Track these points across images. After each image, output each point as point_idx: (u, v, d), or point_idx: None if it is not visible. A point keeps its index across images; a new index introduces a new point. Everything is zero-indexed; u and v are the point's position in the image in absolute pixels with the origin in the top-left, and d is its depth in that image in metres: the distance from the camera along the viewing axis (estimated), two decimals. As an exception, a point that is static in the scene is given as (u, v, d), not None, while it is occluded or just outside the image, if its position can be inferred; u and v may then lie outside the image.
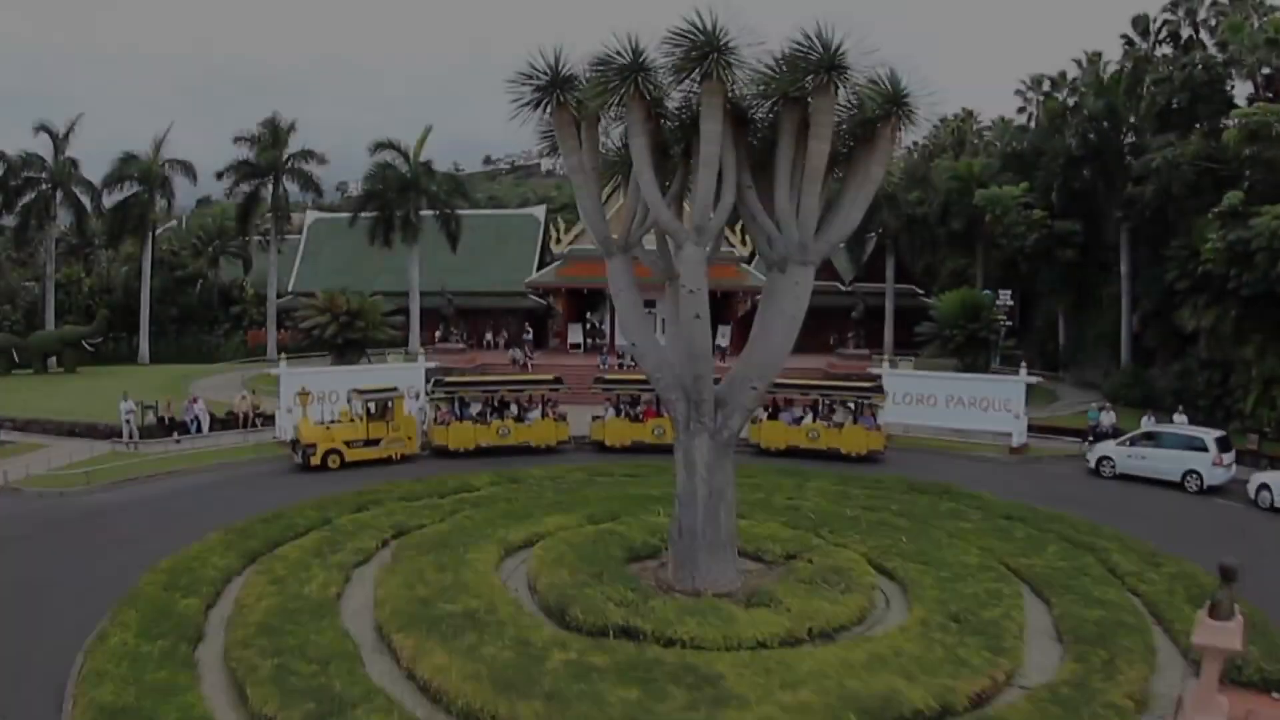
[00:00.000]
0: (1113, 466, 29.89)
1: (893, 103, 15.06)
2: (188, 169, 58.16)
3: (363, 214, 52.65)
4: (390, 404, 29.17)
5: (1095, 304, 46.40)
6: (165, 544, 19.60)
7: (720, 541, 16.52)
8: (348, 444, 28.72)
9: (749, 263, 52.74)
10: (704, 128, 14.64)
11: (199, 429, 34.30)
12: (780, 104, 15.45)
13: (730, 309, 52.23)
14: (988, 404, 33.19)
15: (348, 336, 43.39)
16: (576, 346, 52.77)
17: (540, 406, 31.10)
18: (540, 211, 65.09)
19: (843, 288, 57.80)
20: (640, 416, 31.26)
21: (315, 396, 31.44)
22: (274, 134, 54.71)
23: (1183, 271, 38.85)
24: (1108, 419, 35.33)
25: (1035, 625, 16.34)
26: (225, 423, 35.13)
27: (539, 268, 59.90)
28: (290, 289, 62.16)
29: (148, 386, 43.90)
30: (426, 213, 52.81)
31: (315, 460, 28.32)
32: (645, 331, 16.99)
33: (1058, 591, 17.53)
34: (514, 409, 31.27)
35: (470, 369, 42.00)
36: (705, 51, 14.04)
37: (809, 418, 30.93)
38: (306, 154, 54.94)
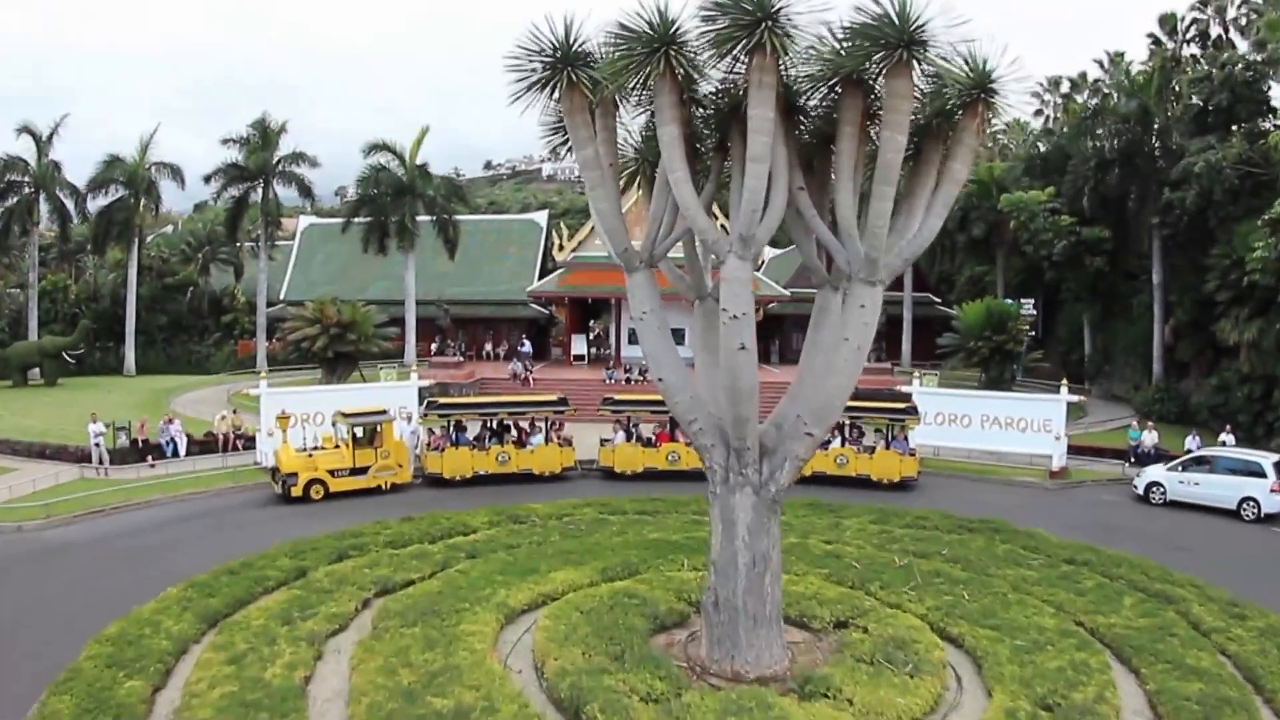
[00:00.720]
0: (1163, 493, 27.24)
1: (980, 88, 12.03)
2: (175, 173, 55.08)
3: (356, 219, 49.65)
4: (379, 428, 26.10)
5: (1124, 314, 43.42)
6: (120, 596, 16.87)
7: (765, 616, 13.49)
8: (332, 473, 25.66)
9: (759, 269, 49.71)
10: (753, 114, 11.61)
11: (175, 452, 31.26)
12: (840, 88, 12.43)
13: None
14: (1025, 424, 30.21)
15: (338, 349, 40.32)
16: (580, 358, 49.73)
17: (543, 430, 27.97)
18: (542, 217, 62.03)
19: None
20: (653, 441, 28.19)
21: (299, 419, 28.41)
22: (264, 136, 51.61)
23: (1224, 281, 36.06)
24: (1150, 439, 32.56)
25: (1129, 704, 13.60)
26: (204, 445, 32.04)
27: (541, 275, 56.91)
28: (282, 297, 59.16)
29: (127, 403, 40.87)
30: (423, 218, 49.86)
31: (297, 491, 25.27)
32: (675, 364, 13.93)
33: (1146, 659, 14.79)
34: (514, 432, 28.19)
35: (467, 384, 38.93)
36: (756, 18, 10.99)
37: (836, 441, 27.88)
38: (298, 156, 51.85)
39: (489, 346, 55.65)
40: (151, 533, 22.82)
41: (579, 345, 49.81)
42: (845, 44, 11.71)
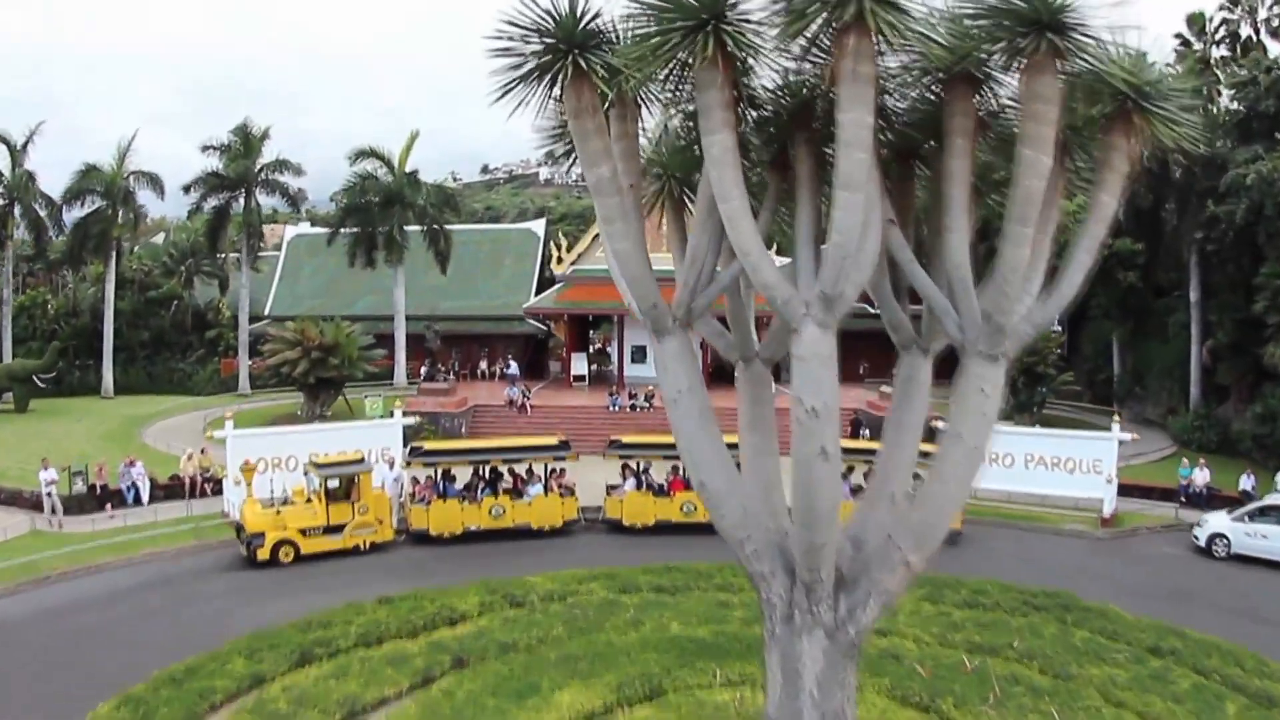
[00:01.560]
0: (1227, 545, 24.10)
1: (1140, 94, 8.50)
2: (154, 181, 51.30)
3: (343, 229, 46.07)
4: (356, 480, 22.47)
5: (1157, 332, 39.93)
6: (40, 708, 13.92)
7: (840, 791, 9.91)
8: (303, 532, 22.03)
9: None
10: (845, 119, 8.10)
11: (137, 498, 27.64)
12: (945, 86, 8.91)
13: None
14: (1073, 465, 26.78)
15: (320, 375, 36.69)
16: (581, 379, 46.11)
17: (542, 478, 24.35)
18: (539, 226, 58.41)
19: (871, 309, 51.32)
20: (666, 489, 24.61)
21: (269, 463, 24.88)
22: (245, 142, 47.87)
23: (1273, 302, 32.69)
24: (1201, 477, 29.23)
25: None
26: (169, 489, 28.42)
27: (539, 288, 53.31)
28: (267, 312, 55.44)
29: (96, 433, 37.22)
30: (414, 228, 46.28)
31: (263, 554, 21.65)
32: (721, 463, 10.39)
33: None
34: (509, 479, 24.57)
35: (459, 413, 35.28)
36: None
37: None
38: (281, 164, 48.11)
39: (484, 365, 52.01)
40: (97, 609, 19.29)
41: (579, 365, 46.20)
42: (967, 23, 8.18)
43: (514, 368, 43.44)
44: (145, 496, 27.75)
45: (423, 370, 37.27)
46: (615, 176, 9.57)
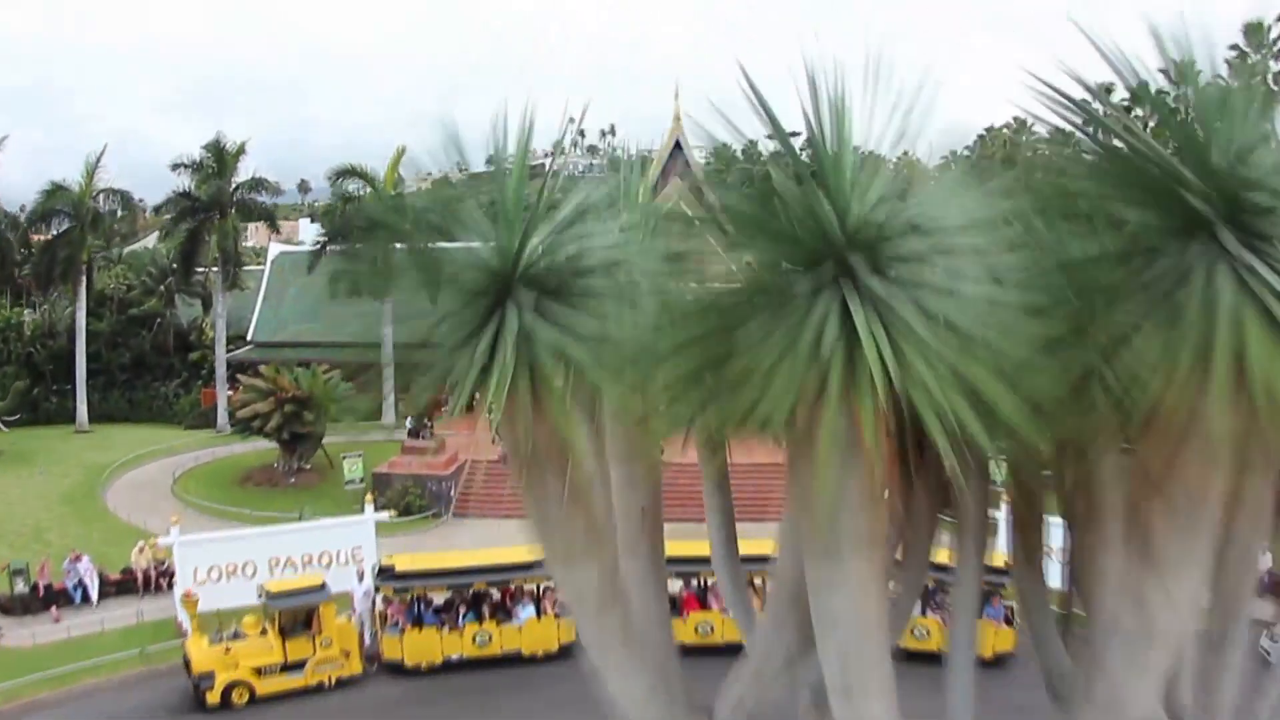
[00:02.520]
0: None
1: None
2: (125, 200, 47.93)
3: (327, 252, 42.72)
4: (316, 610, 19.35)
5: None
6: None
7: None
8: (258, 671, 18.93)
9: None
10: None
11: (86, 596, 24.59)
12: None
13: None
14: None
15: (295, 430, 33.55)
16: (579, 414, 42.84)
17: (535, 596, 21.14)
18: None
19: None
20: (677, 605, 21.40)
21: (225, 571, 21.82)
22: (219, 160, 44.31)
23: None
24: (1264, 561, 25.87)
25: None
26: (121, 584, 25.37)
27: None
28: (250, 337, 52.10)
29: (54, 494, 34.18)
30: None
31: (213, 698, 18.67)
32: None
33: None
34: (497, 594, 21.39)
35: (447, 476, 32.07)
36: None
37: (915, 608, 21.04)
38: (257, 183, 44.59)
39: (479, 393, 48.84)
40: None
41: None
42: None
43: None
44: (94, 594, 24.72)
45: (408, 423, 34.10)
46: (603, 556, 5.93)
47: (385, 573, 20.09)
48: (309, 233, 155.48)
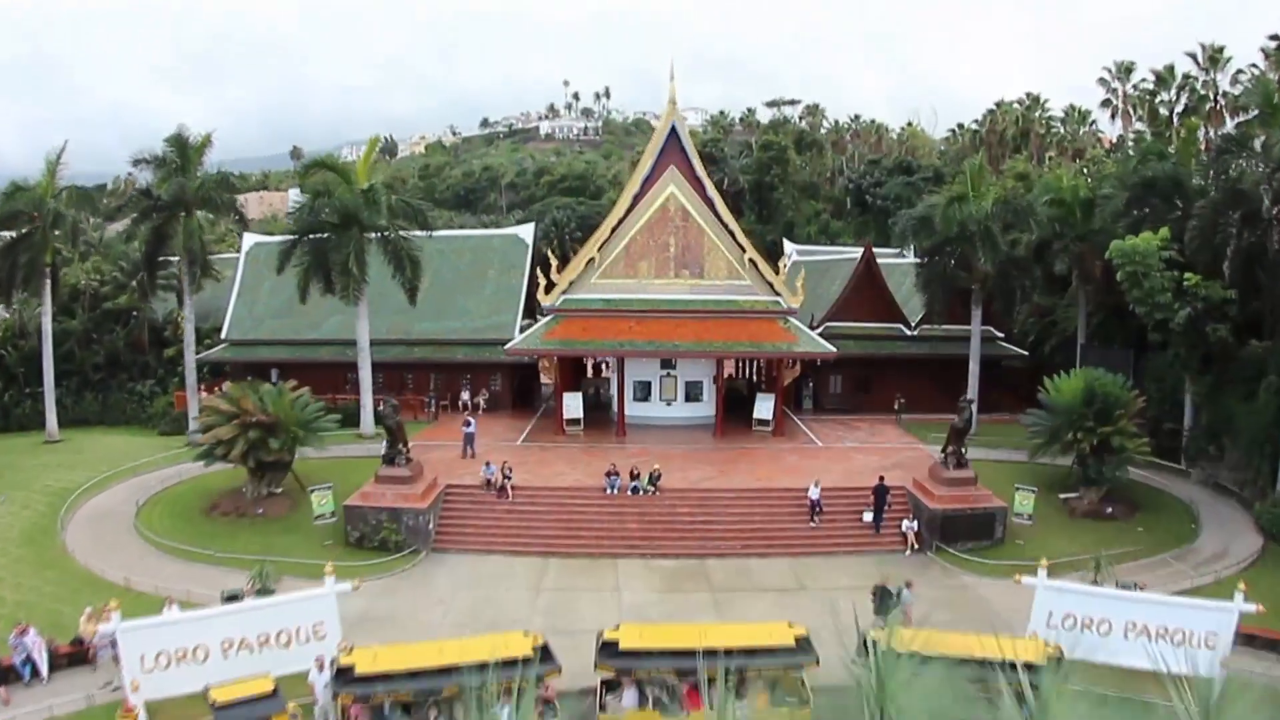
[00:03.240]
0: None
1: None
2: (88, 200, 44.75)
3: (298, 250, 39.47)
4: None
5: (1240, 387, 32.93)
6: None
7: None
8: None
9: (795, 316, 39.56)
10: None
11: (36, 671, 21.95)
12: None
13: (773, 375, 39.38)
14: (1183, 637, 20.69)
15: (261, 458, 30.77)
16: (574, 423, 39.96)
17: (514, 692, 18.28)
18: (527, 231, 51.56)
19: (908, 331, 44.76)
20: (678, 705, 18.60)
21: (174, 657, 19.14)
22: (182, 155, 41.01)
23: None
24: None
25: None
26: (73, 655, 22.67)
27: (527, 307, 46.88)
28: (225, 334, 49.24)
29: (11, 534, 31.31)
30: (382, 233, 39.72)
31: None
32: None
33: None
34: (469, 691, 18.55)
35: (425, 510, 29.27)
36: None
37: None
38: (222, 180, 41.33)
39: (466, 395, 45.98)
40: None
41: (573, 407, 40.01)
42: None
43: (472, 425, 36.92)
44: (44, 669, 22.07)
45: (382, 451, 31.23)
46: None
47: (344, 675, 17.32)
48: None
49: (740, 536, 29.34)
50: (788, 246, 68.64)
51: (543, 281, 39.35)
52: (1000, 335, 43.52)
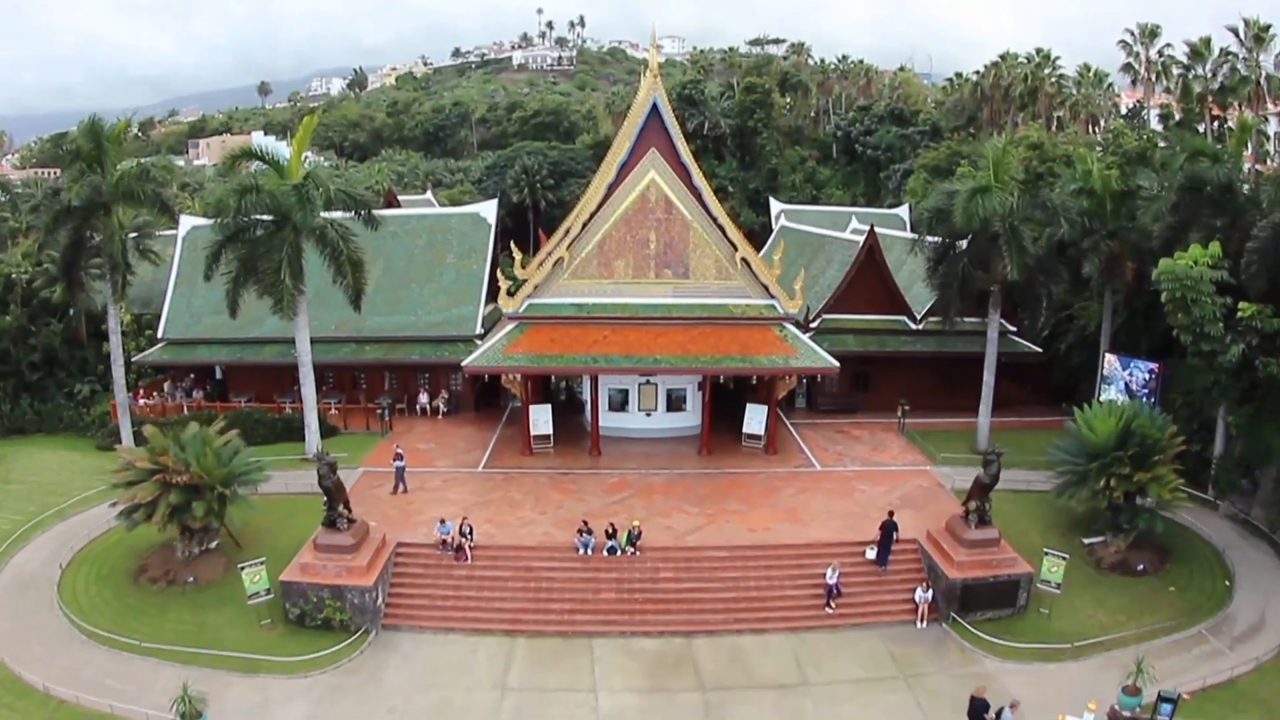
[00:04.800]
0: None
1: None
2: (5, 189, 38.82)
3: (231, 243, 34.11)
4: None
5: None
6: None
7: None
8: None
9: (793, 322, 34.77)
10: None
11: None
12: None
13: (767, 389, 34.77)
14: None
15: (187, 524, 26.29)
16: (544, 440, 35.46)
17: None
18: (489, 210, 45.83)
19: (912, 324, 40.11)
20: None
21: None
22: (96, 145, 35.07)
23: None
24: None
25: None
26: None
27: (491, 294, 41.91)
28: (161, 332, 44.05)
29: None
30: (334, 215, 34.40)
31: None
32: None
33: None
34: None
35: (370, 587, 24.92)
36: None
37: None
38: (142, 172, 35.51)
39: (424, 399, 41.26)
40: None
41: (541, 421, 35.36)
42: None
43: (403, 459, 31.72)
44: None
45: (323, 510, 26.70)
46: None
47: None
48: (263, 147, 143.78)
49: (732, 607, 25.19)
50: (775, 205, 63.44)
51: (504, 284, 34.33)
52: (1012, 329, 38.98)
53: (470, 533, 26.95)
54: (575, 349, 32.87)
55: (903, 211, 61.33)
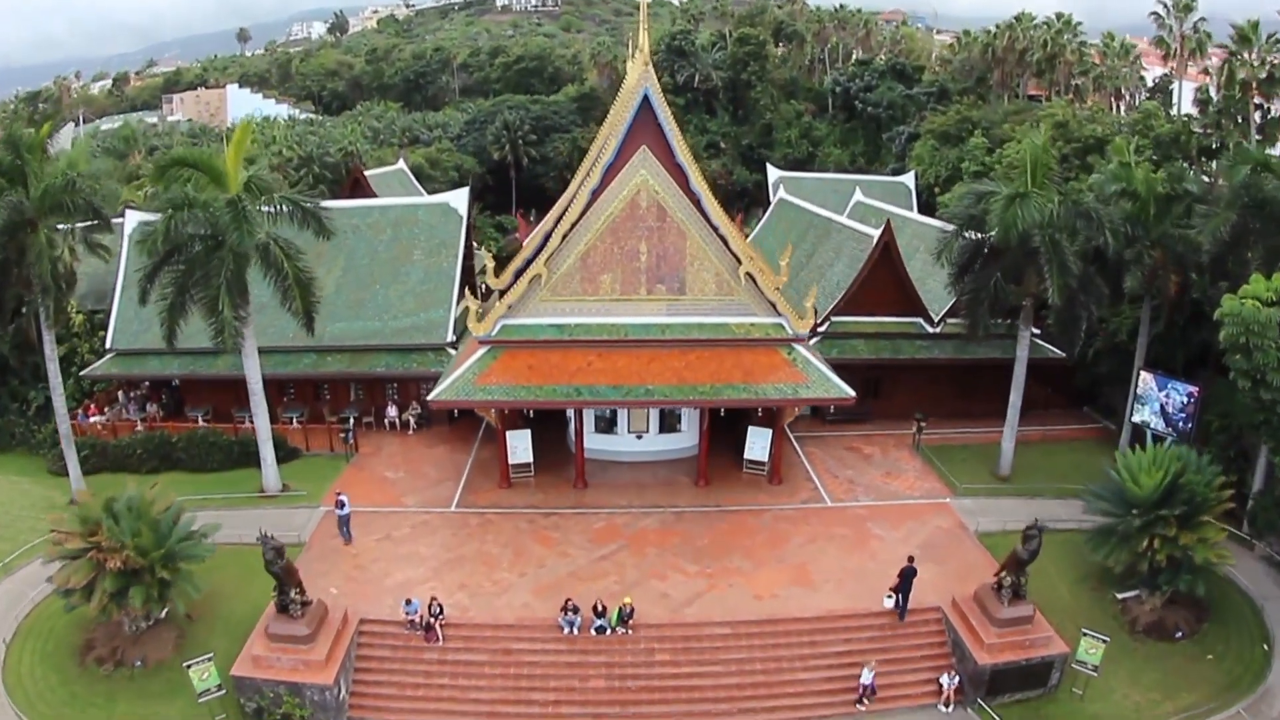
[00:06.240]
0: None
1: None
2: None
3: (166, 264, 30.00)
4: None
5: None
6: None
7: None
8: None
9: (801, 343, 30.85)
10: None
11: None
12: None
13: (772, 411, 31.11)
14: None
15: (126, 607, 22.91)
16: (524, 469, 31.96)
17: None
18: (460, 199, 41.17)
19: (929, 327, 36.36)
20: None
21: None
22: (16, 157, 30.62)
23: None
24: None
25: None
26: None
27: (460, 295, 37.97)
28: (109, 342, 40.06)
29: None
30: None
31: None
32: None
33: None
34: None
35: (329, 686, 21.66)
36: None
37: None
38: (68, 184, 31.07)
39: (392, 412, 37.51)
40: None
41: (520, 449, 31.62)
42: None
43: (345, 506, 27.94)
44: None
45: (274, 594, 23.26)
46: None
47: None
48: (237, 102, 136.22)
49: (736, 695, 21.98)
50: (772, 173, 58.95)
51: (472, 306, 30.37)
52: (1036, 331, 35.20)
53: (441, 611, 23.58)
54: (556, 378, 29.08)
55: (908, 179, 56.99)
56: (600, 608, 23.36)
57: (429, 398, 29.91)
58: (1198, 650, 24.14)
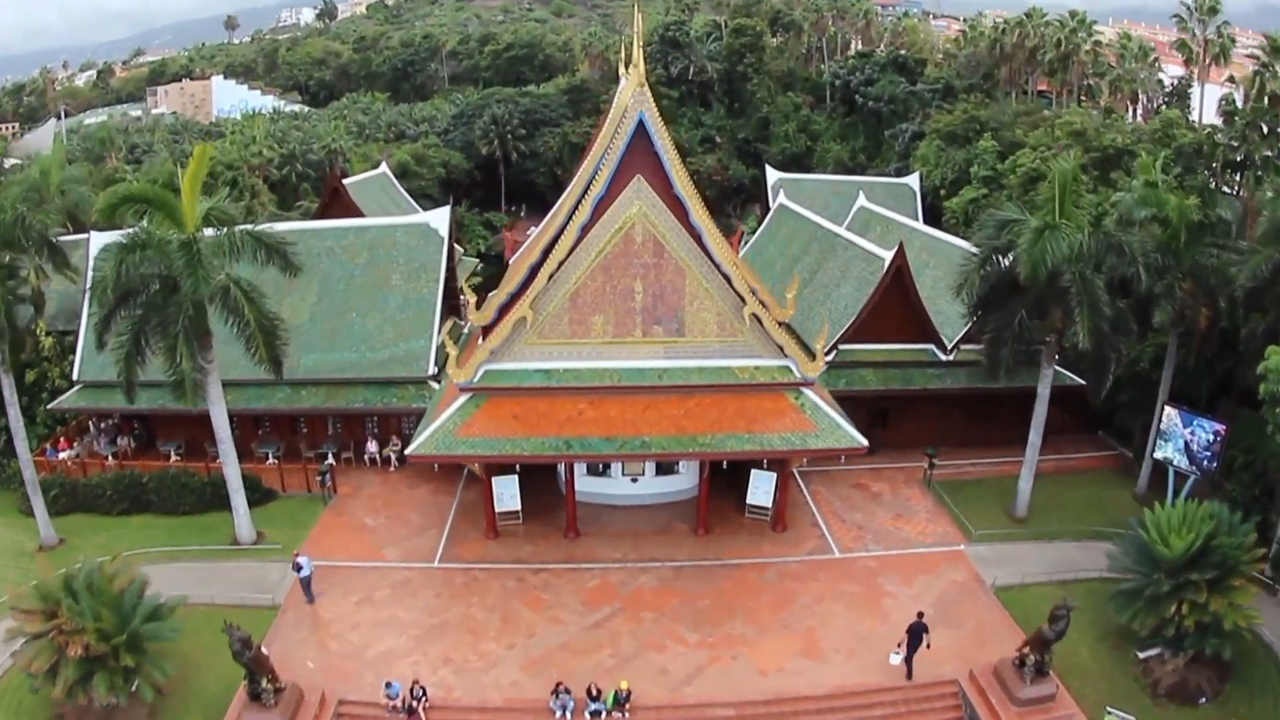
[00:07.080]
0: None
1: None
2: None
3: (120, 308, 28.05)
4: None
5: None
6: None
7: None
8: None
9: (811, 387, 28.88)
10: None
11: None
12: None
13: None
14: None
15: (91, 692, 21.23)
16: (512, 516, 30.23)
17: None
18: (441, 219, 38.97)
19: (942, 355, 34.49)
20: None
21: None
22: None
23: None
24: None
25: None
26: None
27: (443, 322, 36.04)
28: (76, 374, 38.07)
29: None
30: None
31: None
32: None
33: None
34: None
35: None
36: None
37: None
38: (18, 222, 29.07)
39: (372, 448, 35.68)
40: None
41: (506, 497, 29.78)
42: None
43: (305, 566, 26.08)
44: None
45: (243, 685, 21.48)
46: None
47: None
48: (223, 93, 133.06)
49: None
50: (771, 174, 56.76)
51: (451, 351, 28.37)
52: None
53: (424, 694, 21.89)
54: (544, 429, 27.18)
55: (912, 181, 54.86)
56: (595, 691, 21.64)
57: (407, 451, 27.90)
58: (1221, 715, 22.51)
